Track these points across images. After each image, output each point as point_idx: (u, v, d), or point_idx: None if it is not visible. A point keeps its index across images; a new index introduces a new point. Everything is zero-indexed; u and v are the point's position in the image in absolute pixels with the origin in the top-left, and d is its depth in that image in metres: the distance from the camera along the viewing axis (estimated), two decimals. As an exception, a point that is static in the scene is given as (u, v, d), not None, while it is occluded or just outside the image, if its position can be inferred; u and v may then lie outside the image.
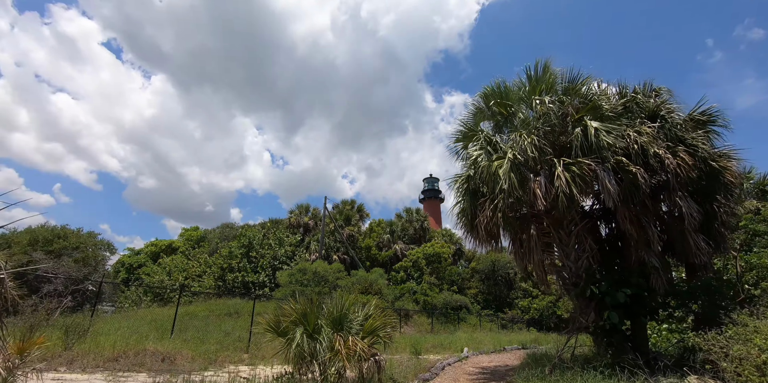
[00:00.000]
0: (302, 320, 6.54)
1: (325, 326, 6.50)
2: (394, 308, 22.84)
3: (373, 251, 31.53)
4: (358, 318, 7.10)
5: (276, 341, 7.13)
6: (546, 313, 33.02)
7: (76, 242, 22.67)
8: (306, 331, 6.59)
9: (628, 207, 8.83)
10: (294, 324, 6.56)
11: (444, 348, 15.86)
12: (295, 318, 6.54)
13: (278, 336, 6.98)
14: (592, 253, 9.23)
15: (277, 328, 6.99)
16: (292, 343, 6.27)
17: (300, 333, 6.33)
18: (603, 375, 6.56)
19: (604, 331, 8.50)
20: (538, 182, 8.15)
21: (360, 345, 6.24)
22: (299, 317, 6.54)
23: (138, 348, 10.96)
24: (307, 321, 6.57)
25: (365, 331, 6.70)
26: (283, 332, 6.81)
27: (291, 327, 6.55)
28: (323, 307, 7.04)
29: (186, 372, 9.79)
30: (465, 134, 10.98)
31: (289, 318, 6.60)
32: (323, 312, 6.85)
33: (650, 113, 9.58)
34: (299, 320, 6.54)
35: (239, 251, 28.29)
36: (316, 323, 6.58)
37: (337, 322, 6.74)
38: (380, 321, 6.89)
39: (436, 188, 61.77)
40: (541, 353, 11.07)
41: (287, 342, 6.66)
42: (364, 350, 6.29)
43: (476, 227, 9.49)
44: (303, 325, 6.53)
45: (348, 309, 6.81)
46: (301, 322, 6.54)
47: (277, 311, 7.32)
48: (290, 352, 6.65)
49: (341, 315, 6.68)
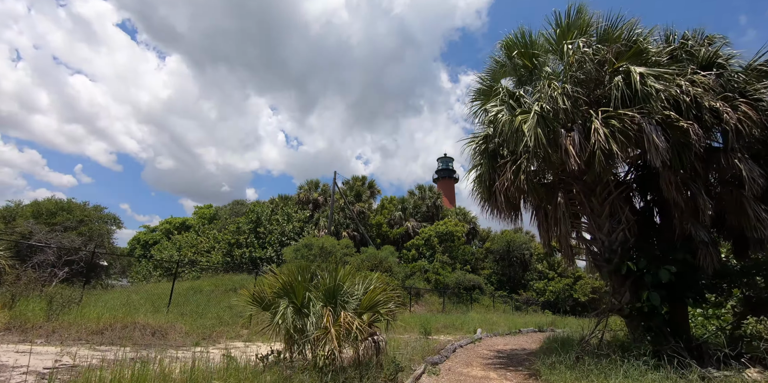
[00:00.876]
0: (288, 291, 5.54)
1: (314, 299, 5.50)
2: (405, 286, 21.99)
3: (384, 228, 30.57)
4: (357, 293, 6.09)
5: (262, 316, 6.20)
6: (562, 296, 31.94)
7: (80, 215, 22.16)
8: (294, 304, 5.62)
9: (674, 171, 7.55)
10: (278, 295, 5.58)
11: (456, 329, 14.96)
12: (280, 289, 5.55)
13: (263, 310, 6.04)
14: (629, 225, 8.01)
15: (262, 301, 6.03)
16: (275, 318, 5.30)
17: (284, 307, 5.35)
18: (647, 366, 5.45)
19: (641, 314, 7.37)
20: (570, 138, 6.89)
21: (356, 323, 5.23)
22: (285, 288, 5.54)
23: (127, 321, 10.29)
24: (295, 293, 5.58)
25: (363, 307, 5.68)
26: (267, 305, 5.85)
27: (275, 300, 5.58)
28: (315, 278, 6.05)
29: (174, 347, 9.11)
30: (483, 92, 9.67)
31: (273, 289, 5.61)
32: (314, 283, 5.86)
33: (703, 62, 8.13)
34: (284, 291, 5.55)
35: (247, 226, 27.65)
36: (305, 295, 5.57)
37: (329, 295, 5.74)
38: (381, 296, 5.85)
39: (450, 167, 60.22)
40: (562, 337, 10.02)
41: (272, 317, 5.71)
42: (361, 328, 5.29)
43: (495, 193, 8.32)
44: (289, 297, 5.54)
45: (343, 280, 5.78)
46: (286, 294, 5.55)
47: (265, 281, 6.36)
48: (277, 328, 5.73)
49: (335, 287, 5.66)
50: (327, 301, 5.82)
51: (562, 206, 7.89)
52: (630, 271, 7.42)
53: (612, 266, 7.77)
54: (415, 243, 29.08)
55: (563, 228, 7.86)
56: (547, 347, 9.58)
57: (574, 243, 9.07)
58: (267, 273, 5.95)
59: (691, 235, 7.69)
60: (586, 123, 7.14)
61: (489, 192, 8.69)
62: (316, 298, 5.59)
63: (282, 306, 5.37)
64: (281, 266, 6.19)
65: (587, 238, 8.61)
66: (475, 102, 9.86)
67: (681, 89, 7.22)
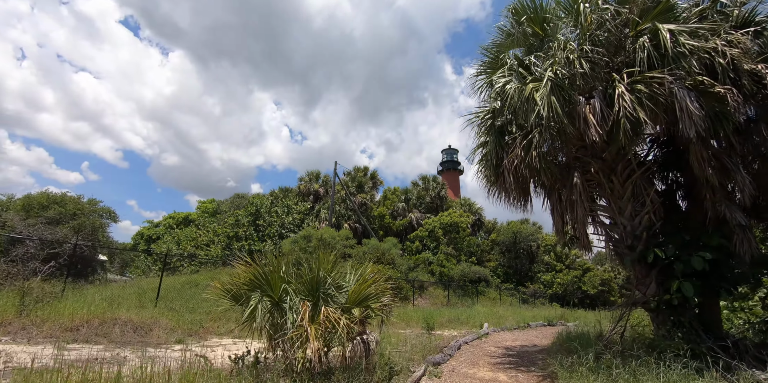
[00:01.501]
0: (261, 283, 4.74)
1: (293, 292, 4.69)
2: (408, 279, 21.22)
3: (387, 220, 29.74)
4: (347, 285, 5.28)
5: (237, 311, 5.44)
6: (570, 288, 31.11)
7: (73, 208, 21.50)
8: (270, 298, 4.82)
9: (706, 146, 6.65)
10: (249, 288, 4.78)
11: (461, 323, 14.17)
12: (251, 281, 4.74)
13: (239, 305, 5.25)
14: (654, 208, 7.12)
15: (237, 295, 5.24)
16: (244, 315, 4.51)
17: (255, 301, 4.56)
18: (688, 368, 4.60)
19: (670, 307, 6.52)
20: (590, 106, 6.00)
21: (343, 320, 4.43)
22: (258, 279, 4.73)
23: (107, 316, 9.59)
24: (270, 285, 4.77)
25: (351, 301, 4.87)
26: (243, 300, 5.05)
27: (245, 293, 4.78)
28: (295, 268, 5.24)
29: (154, 344, 8.43)
30: (489, 64, 8.74)
31: (243, 281, 4.81)
32: (291, 273, 5.05)
33: (738, 22, 7.17)
34: (258, 283, 4.74)
35: (246, 219, 26.93)
36: (283, 288, 4.77)
37: (311, 287, 4.93)
38: (373, 288, 5.03)
39: (455, 159, 59.13)
40: (576, 332, 9.19)
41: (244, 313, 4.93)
42: (348, 326, 4.49)
43: (502, 174, 7.44)
44: (263, 290, 4.73)
45: (327, 270, 4.97)
46: (259, 286, 4.74)
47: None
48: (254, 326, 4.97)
49: (317, 279, 4.85)
50: (309, 294, 5.02)
51: (578, 186, 7.01)
52: (657, 259, 6.55)
53: (636, 253, 6.91)
54: (419, 235, 28.26)
55: (580, 212, 6.99)
56: (561, 343, 8.77)
57: (591, 230, 8.21)
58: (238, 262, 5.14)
59: (726, 218, 6.80)
60: (608, 90, 6.23)
61: (496, 173, 7.82)
62: (296, 291, 4.78)
63: (253, 301, 4.58)
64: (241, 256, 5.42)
65: (606, 223, 7.73)
66: (479, 76, 8.94)
67: (716, 50, 6.30)
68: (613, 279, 33.04)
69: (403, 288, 20.20)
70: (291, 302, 4.59)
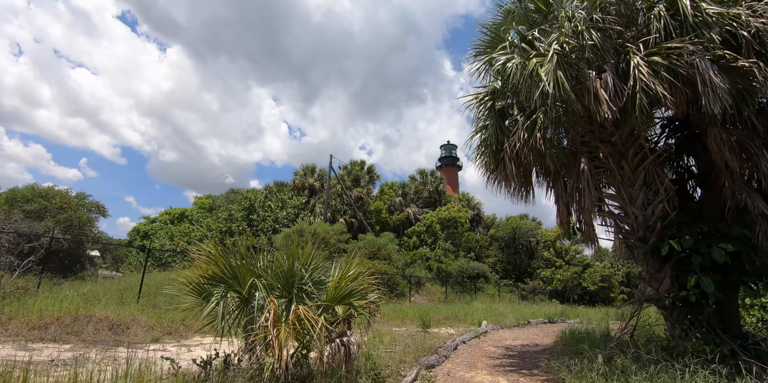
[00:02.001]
0: (226, 276, 4.14)
1: (263, 288, 4.08)
2: (404, 274, 20.64)
3: (384, 214, 29.11)
4: (329, 281, 4.69)
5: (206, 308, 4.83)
6: (570, 284, 30.61)
7: (59, 202, 20.83)
8: (239, 294, 4.22)
9: (726, 129, 6.05)
10: (212, 282, 4.17)
11: (459, 321, 13.61)
12: (214, 274, 4.14)
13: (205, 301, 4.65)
14: (668, 196, 6.52)
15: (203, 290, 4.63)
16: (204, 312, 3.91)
17: (217, 297, 3.96)
18: (717, 375, 4.00)
19: (687, 305, 5.93)
20: (601, 81, 5.38)
21: (321, 321, 3.84)
22: (222, 272, 4.13)
23: (81, 313, 9.01)
24: (238, 279, 4.17)
25: (331, 298, 4.26)
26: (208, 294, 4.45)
27: (207, 288, 4.18)
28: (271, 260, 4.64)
29: (127, 343, 7.86)
30: (489, 44, 8.09)
31: (206, 274, 4.20)
32: (265, 266, 4.46)
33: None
34: (221, 276, 4.13)
35: (240, 214, 26.32)
36: (253, 283, 4.16)
37: (285, 282, 4.33)
38: (356, 284, 4.43)
39: (453, 154, 58.51)
40: (580, 331, 8.61)
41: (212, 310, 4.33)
42: (326, 327, 3.89)
43: (503, 160, 6.83)
44: (227, 285, 4.13)
45: (304, 263, 4.37)
46: (223, 280, 4.14)
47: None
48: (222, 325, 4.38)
49: (291, 272, 4.25)
50: (285, 290, 4.42)
51: (585, 173, 6.40)
52: (672, 252, 5.95)
53: (648, 246, 6.32)
54: (416, 230, 27.66)
55: (587, 201, 6.38)
56: (565, 343, 8.20)
57: (599, 221, 7.61)
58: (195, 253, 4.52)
59: (747, 207, 6.22)
60: (620, 64, 5.61)
61: (496, 160, 7.20)
62: (269, 287, 4.18)
63: (215, 297, 3.98)
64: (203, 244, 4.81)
65: (616, 213, 7.13)
66: (478, 57, 8.28)
67: (738, 19, 5.67)
68: (614, 275, 32.56)
69: (400, 284, 19.63)
70: (258, 298, 3.98)
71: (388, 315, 13.69)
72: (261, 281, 4.17)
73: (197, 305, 4.81)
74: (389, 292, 18.74)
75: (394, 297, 18.57)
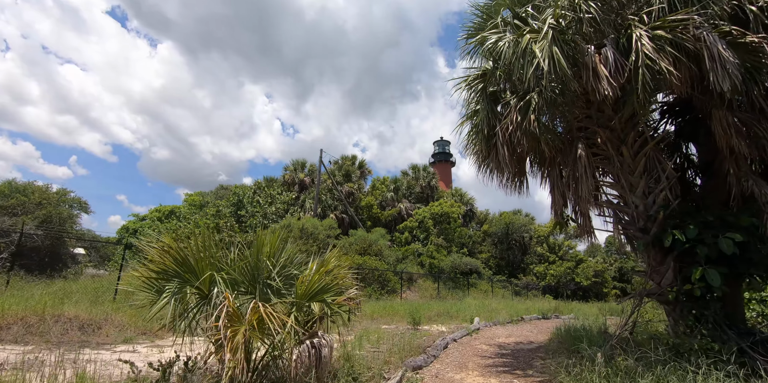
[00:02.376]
0: (180, 270, 3.65)
1: (222, 282, 3.60)
2: (396, 271, 20.21)
3: (375, 210, 28.64)
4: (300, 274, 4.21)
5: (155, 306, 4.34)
6: (563, 280, 30.44)
7: (38, 198, 20.12)
8: (198, 290, 3.73)
9: (731, 110, 5.67)
10: (164, 277, 3.69)
11: (451, 317, 13.20)
12: (165, 268, 3.65)
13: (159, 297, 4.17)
14: (670, 184, 6.12)
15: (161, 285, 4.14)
16: (152, 311, 3.44)
17: (169, 294, 3.48)
18: (734, 378, 3.58)
19: (691, 299, 5.54)
20: (601, 56, 4.93)
21: (288, 321, 3.38)
22: (177, 265, 3.64)
23: (48, 313, 8.48)
24: (196, 273, 3.69)
25: (301, 294, 3.79)
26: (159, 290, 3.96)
27: (159, 283, 3.70)
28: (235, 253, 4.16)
29: (96, 344, 7.39)
30: (481, 25, 7.62)
31: (158, 267, 3.70)
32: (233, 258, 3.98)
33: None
34: (176, 270, 3.65)
35: (227, 210, 25.72)
36: (212, 276, 3.68)
37: (252, 277, 3.86)
38: (331, 278, 3.96)
39: (447, 151, 58.12)
40: (575, 327, 8.21)
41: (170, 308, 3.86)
42: (293, 327, 3.43)
43: (495, 146, 6.38)
44: (182, 279, 3.65)
45: (269, 254, 3.89)
46: (176, 274, 3.66)
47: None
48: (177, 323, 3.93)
49: (256, 265, 3.77)
50: (250, 286, 3.95)
51: (583, 160, 5.97)
52: (675, 242, 5.55)
53: (650, 236, 5.91)
54: (408, 225, 27.23)
55: (584, 189, 5.95)
56: (560, 340, 7.81)
57: (596, 212, 7.21)
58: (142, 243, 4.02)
59: (753, 195, 5.84)
60: (620, 39, 5.16)
61: (488, 146, 6.75)
62: (229, 282, 3.70)
63: (166, 294, 3.50)
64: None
65: (614, 203, 6.71)
66: (470, 39, 7.80)
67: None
68: (607, 271, 32.43)
69: (391, 280, 19.21)
70: (216, 294, 3.50)
71: (378, 312, 13.25)
72: (222, 275, 3.68)
73: (152, 302, 4.34)
74: (380, 289, 18.31)
75: (385, 294, 18.15)
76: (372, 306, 14.21)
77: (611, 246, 40.57)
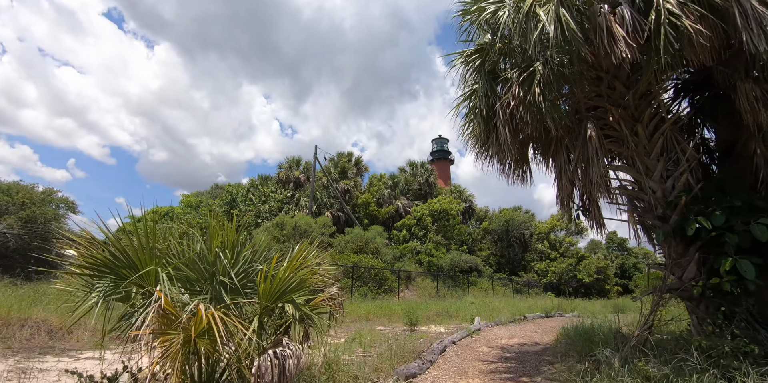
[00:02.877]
0: (116, 265, 3.01)
1: (166, 279, 2.96)
2: (393, 269, 19.56)
3: (372, 207, 27.96)
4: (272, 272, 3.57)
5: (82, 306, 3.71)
6: (565, 277, 29.85)
7: (22, 198, 19.43)
8: (143, 289, 3.09)
9: (758, 82, 5.06)
10: (96, 272, 3.04)
11: (450, 317, 12.57)
12: (96, 260, 3.01)
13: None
14: (691, 166, 5.48)
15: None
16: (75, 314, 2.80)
17: (98, 294, 2.86)
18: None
19: (720, 294, 4.91)
20: (616, 16, 4.29)
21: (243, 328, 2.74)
22: (110, 257, 3.00)
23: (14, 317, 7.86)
24: (136, 268, 3.04)
25: (264, 293, 3.15)
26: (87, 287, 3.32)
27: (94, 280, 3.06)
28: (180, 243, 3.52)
29: (60, 350, 6.81)
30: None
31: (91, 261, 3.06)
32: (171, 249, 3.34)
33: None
34: (110, 263, 3.01)
35: (221, 209, 25.08)
36: (156, 273, 3.04)
37: (206, 273, 3.22)
38: (300, 275, 3.31)
39: (445, 148, 57.49)
40: (584, 326, 7.57)
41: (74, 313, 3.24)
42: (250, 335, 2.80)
43: (495, 127, 5.74)
44: (117, 277, 3.01)
45: (222, 244, 3.25)
46: (112, 269, 3.02)
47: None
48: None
49: (214, 260, 3.13)
50: (207, 284, 3.30)
51: (594, 140, 5.32)
52: (700, 231, 4.91)
53: (670, 225, 5.27)
54: (406, 223, 26.57)
55: (596, 172, 5.31)
56: (568, 341, 7.17)
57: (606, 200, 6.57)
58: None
59: (785, 177, 5.23)
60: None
61: (487, 129, 6.10)
62: (172, 278, 3.06)
63: (95, 293, 2.87)
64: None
65: (629, 189, 6.07)
66: (467, 17, 7.13)
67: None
68: (608, 267, 31.82)
69: (388, 279, 18.55)
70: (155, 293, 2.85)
71: (373, 312, 12.61)
72: (166, 270, 3.04)
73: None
74: (377, 288, 17.67)
75: (382, 293, 17.50)
76: (368, 306, 13.57)
77: (612, 242, 40.01)
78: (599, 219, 6.72)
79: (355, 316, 11.72)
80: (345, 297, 4.63)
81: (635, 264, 36.96)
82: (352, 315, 11.90)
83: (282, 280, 3.14)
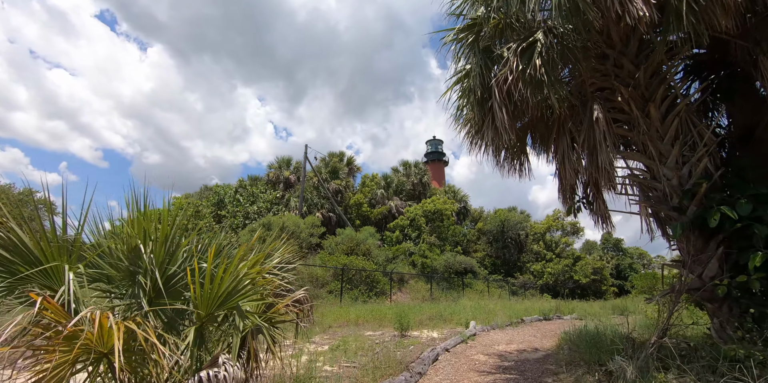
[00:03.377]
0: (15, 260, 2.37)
1: (75, 279, 2.31)
2: (385, 271, 18.88)
3: (365, 208, 27.29)
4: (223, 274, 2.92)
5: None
6: (561, 278, 29.33)
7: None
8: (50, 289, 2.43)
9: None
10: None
11: (444, 321, 11.90)
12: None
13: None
14: (710, 150, 4.90)
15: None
16: None
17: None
18: None
19: (747, 295, 4.32)
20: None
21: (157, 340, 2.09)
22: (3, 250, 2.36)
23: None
24: (39, 264, 2.40)
25: (204, 298, 2.51)
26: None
27: None
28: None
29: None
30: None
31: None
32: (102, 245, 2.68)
33: None
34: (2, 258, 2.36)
35: (208, 210, 24.29)
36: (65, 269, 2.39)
37: (130, 273, 2.57)
38: (249, 277, 2.67)
39: (440, 150, 56.95)
40: (588, 330, 6.96)
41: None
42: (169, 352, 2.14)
43: (491, 109, 5.12)
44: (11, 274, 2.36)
45: (162, 239, 2.60)
46: (6, 266, 2.37)
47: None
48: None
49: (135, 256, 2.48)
50: (132, 286, 2.64)
51: (601, 123, 4.73)
52: (723, 223, 4.33)
53: (688, 216, 4.68)
54: (400, 224, 25.92)
55: (604, 158, 4.71)
56: (570, 347, 6.56)
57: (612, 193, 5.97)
58: None
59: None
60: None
61: (482, 111, 5.49)
62: (83, 276, 2.41)
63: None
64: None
65: (640, 177, 5.47)
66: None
67: None
68: (604, 268, 31.34)
69: (380, 281, 17.87)
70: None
71: (363, 316, 11.92)
72: (76, 268, 2.38)
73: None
74: (368, 290, 16.98)
75: (374, 296, 16.82)
76: (357, 310, 12.88)
77: (607, 243, 39.59)
78: (605, 212, 6.14)
79: (343, 321, 11.04)
80: (322, 300, 3.98)
81: (631, 265, 36.56)
82: (341, 319, 11.21)
83: (223, 281, 2.49)
